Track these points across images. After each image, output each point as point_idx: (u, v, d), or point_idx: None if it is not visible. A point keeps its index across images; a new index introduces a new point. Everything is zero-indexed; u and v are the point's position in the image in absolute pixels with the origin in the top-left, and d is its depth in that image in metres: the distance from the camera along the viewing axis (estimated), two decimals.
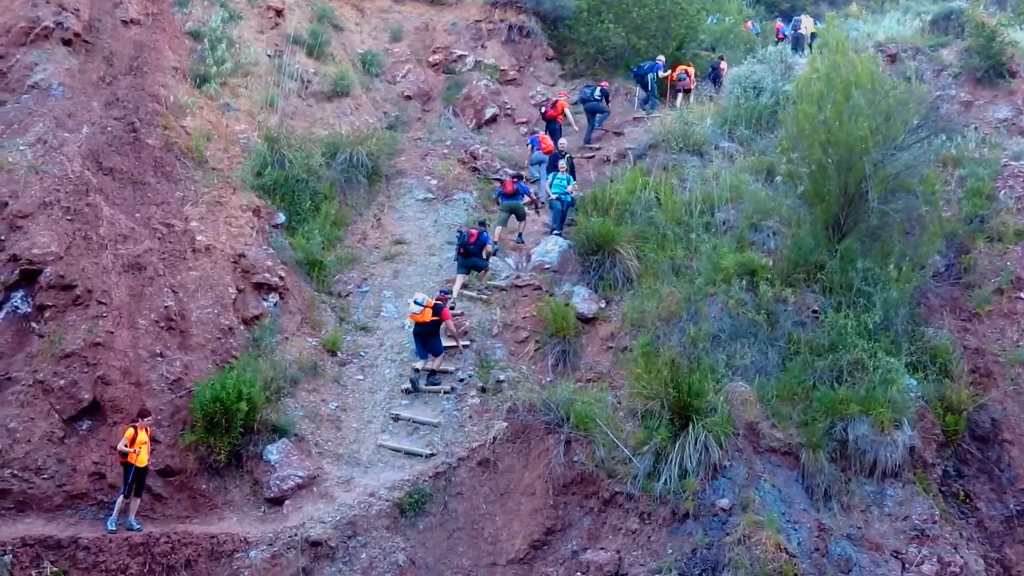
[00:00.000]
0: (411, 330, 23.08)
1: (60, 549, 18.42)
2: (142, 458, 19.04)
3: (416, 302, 22.56)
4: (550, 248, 25.83)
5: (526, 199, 27.56)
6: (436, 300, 22.85)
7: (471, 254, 24.98)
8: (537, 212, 28.81)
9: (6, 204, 22.43)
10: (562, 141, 30.81)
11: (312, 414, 21.83)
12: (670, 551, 17.78)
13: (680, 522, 18.16)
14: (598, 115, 33.30)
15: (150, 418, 19.65)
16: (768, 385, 20.24)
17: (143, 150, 24.89)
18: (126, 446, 18.86)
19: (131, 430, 19.04)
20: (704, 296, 22.05)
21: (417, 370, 22.98)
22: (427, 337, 22.78)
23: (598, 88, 33.32)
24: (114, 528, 18.90)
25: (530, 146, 30.72)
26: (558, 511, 19.16)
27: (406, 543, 19.07)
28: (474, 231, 25.17)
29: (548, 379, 22.10)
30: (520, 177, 28.48)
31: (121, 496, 19.19)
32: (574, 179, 28.02)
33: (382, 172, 29.84)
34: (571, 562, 18.48)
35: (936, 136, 23.95)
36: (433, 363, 22.99)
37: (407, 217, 28.68)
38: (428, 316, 22.43)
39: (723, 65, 35.66)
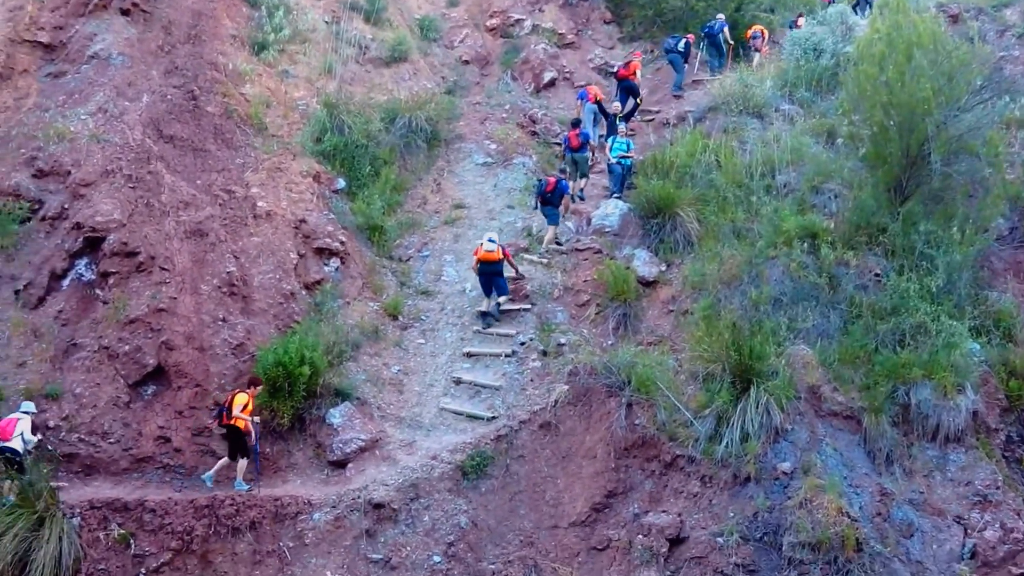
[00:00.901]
0: (478, 269, 23.63)
1: (127, 511, 18.81)
2: (243, 421, 19.54)
3: (490, 240, 23.15)
4: (610, 211, 25.81)
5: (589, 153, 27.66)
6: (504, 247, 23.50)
7: (548, 202, 25.25)
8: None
9: (69, 173, 22.87)
10: (615, 104, 30.75)
11: (374, 378, 22.11)
12: (731, 514, 17.86)
13: (741, 485, 18.19)
14: (676, 68, 33.25)
15: (261, 387, 20.13)
16: (830, 349, 20.16)
17: (203, 118, 25.21)
18: (241, 412, 19.37)
19: (245, 396, 19.52)
20: (765, 259, 21.98)
21: (484, 312, 23.58)
22: (494, 275, 23.35)
23: (683, 40, 33.26)
24: (247, 487, 19.55)
25: (579, 101, 30.73)
26: (619, 474, 19.27)
27: (468, 505, 19.31)
28: (551, 179, 25.40)
29: (609, 342, 22.15)
30: (578, 123, 28.59)
31: (241, 459, 19.76)
32: (633, 143, 28.02)
33: (441, 137, 29.99)
34: (632, 525, 18.57)
35: (999, 97, 23.59)
36: (499, 299, 23.56)
37: (467, 181, 28.84)
38: (498, 255, 22.98)
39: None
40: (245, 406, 19.47)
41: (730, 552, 17.32)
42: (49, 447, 20.09)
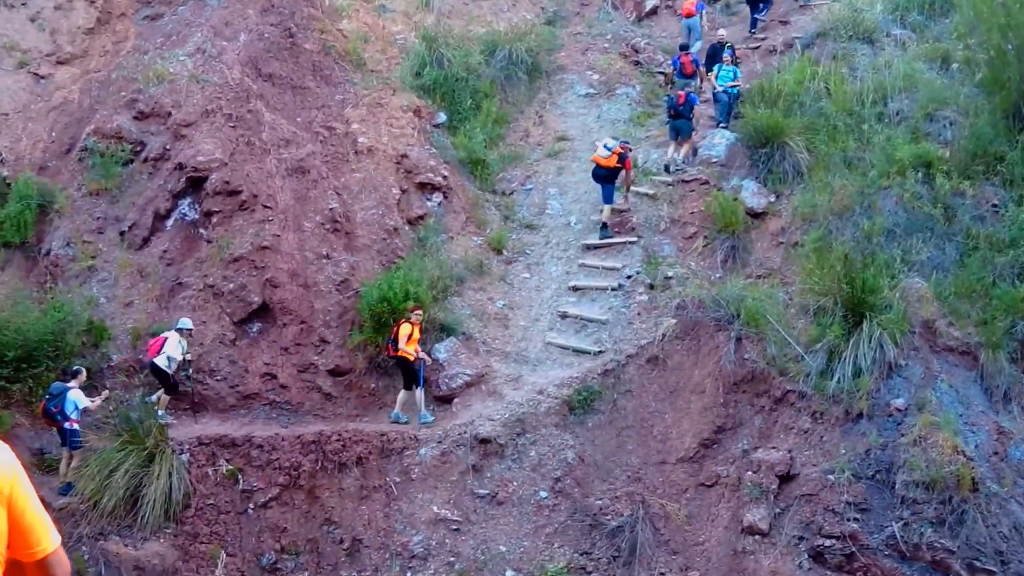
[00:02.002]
0: (592, 173, 23.80)
1: (235, 447, 19.36)
2: (411, 351, 19.88)
3: (605, 146, 23.32)
4: (717, 142, 25.60)
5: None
6: (620, 149, 23.46)
7: (680, 115, 25.26)
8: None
9: (170, 114, 23.24)
10: (721, 32, 30.35)
11: (479, 313, 22.29)
12: (843, 451, 17.63)
13: (853, 422, 17.93)
14: (762, 3, 32.63)
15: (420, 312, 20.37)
16: (945, 282, 19.73)
17: (301, 55, 25.41)
18: (406, 343, 19.70)
19: (409, 326, 19.82)
20: (878, 189, 21.59)
21: (606, 224, 23.68)
22: (604, 182, 23.49)
23: None
24: (404, 419, 20.00)
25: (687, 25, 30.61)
26: (728, 409, 19.26)
27: (575, 440, 19.43)
28: (682, 93, 25.41)
29: (717, 275, 22.03)
30: (687, 47, 28.39)
31: (417, 389, 20.11)
32: (739, 71, 27.69)
33: (542, 68, 29.89)
34: (742, 461, 18.56)
35: None
36: (603, 214, 23.62)
37: (569, 113, 28.76)
38: (613, 161, 23.04)
39: None
40: (410, 336, 19.76)
41: (841, 490, 17.11)
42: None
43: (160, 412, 19.94)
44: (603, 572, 17.82)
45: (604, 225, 23.78)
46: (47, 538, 3.84)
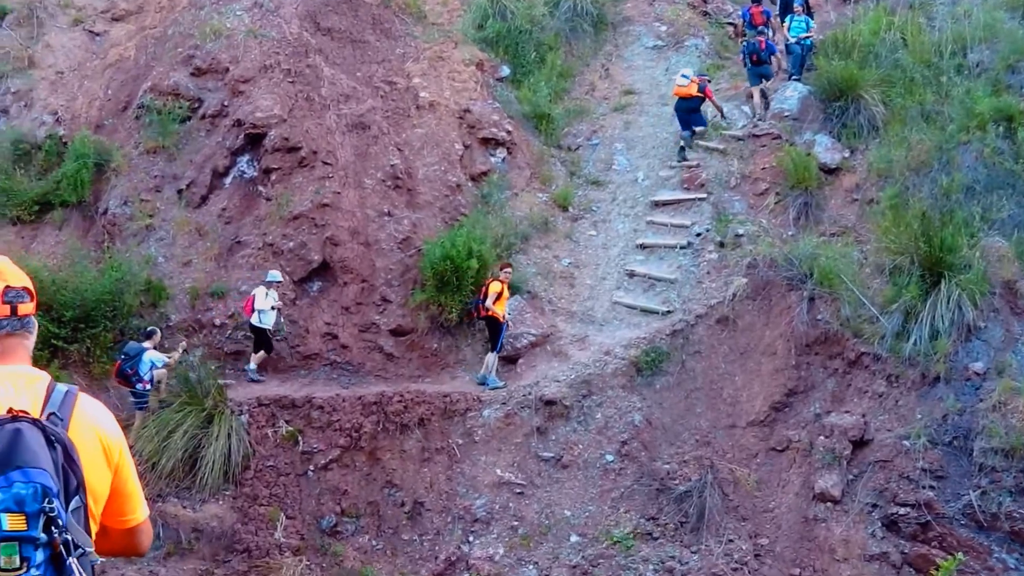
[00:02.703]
0: (675, 106, 24.05)
1: (295, 408, 19.52)
2: (500, 311, 19.98)
3: (683, 75, 23.50)
4: (789, 95, 25.28)
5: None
6: (698, 79, 23.70)
7: (762, 61, 25.25)
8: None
9: (227, 70, 23.36)
10: None
11: (544, 271, 22.27)
12: (919, 416, 17.42)
13: (930, 386, 17.71)
14: None
15: (510, 270, 20.47)
16: None
17: (360, 8, 25.43)
18: (495, 302, 19.81)
19: (498, 284, 19.92)
20: (957, 144, 21.23)
21: (681, 147, 23.92)
22: (689, 112, 23.67)
23: None
24: (498, 384, 20.01)
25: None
26: (800, 372, 19.11)
27: (642, 403, 19.42)
28: (761, 39, 25.38)
29: (789, 233, 21.79)
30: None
31: (492, 353, 20.20)
32: (813, 21, 27.38)
33: (608, 20, 29.72)
34: (814, 425, 18.42)
35: None
36: (697, 128, 23.86)
37: (636, 66, 28.59)
38: (693, 90, 23.22)
39: None
40: (499, 295, 19.85)
41: (917, 456, 16.94)
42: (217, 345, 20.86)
43: (251, 368, 20.27)
44: (670, 538, 17.80)
45: (682, 148, 24.11)
46: (141, 508, 4.03)
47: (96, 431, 3.76)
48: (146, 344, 19.44)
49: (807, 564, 17.14)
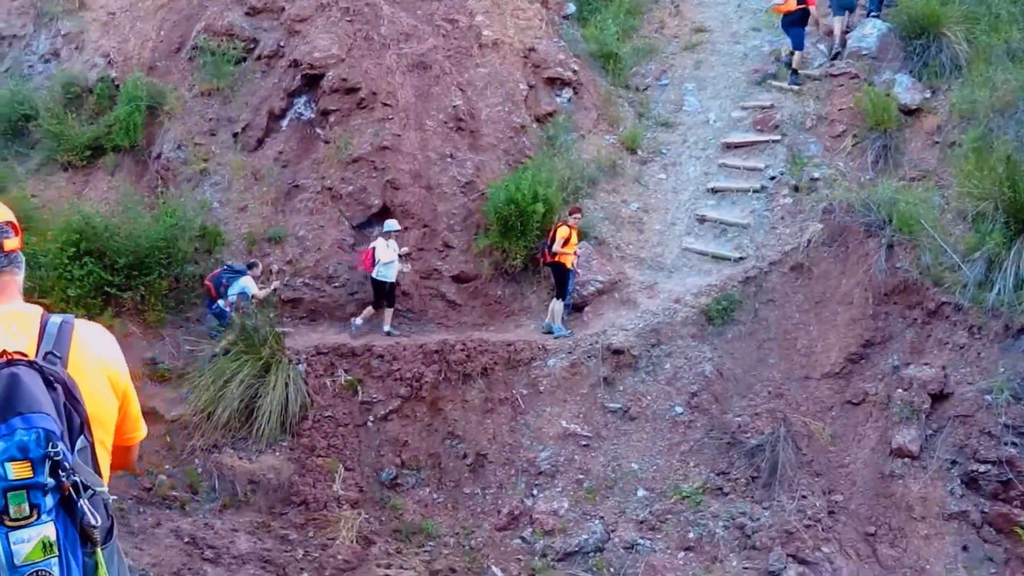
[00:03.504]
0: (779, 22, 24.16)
1: (354, 357, 19.58)
2: (569, 258, 19.99)
3: None
4: (868, 32, 24.91)
5: None
6: None
7: None
8: None
9: (283, 9, 23.40)
10: None
11: (612, 216, 22.17)
12: (1002, 370, 17.17)
13: (1014, 338, 17.46)
14: None
15: (579, 215, 20.39)
16: None
17: None
18: (563, 246, 19.78)
19: (566, 228, 19.87)
20: None
21: (789, 65, 23.95)
22: (790, 27, 23.63)
23: None
24: (563, 332, 20.00)
25: None
26: (878, 322, 18.92)
27: (713, 353, 19.33)
28: None
29: (867, 177, 21.58)
30: None
31: (557, 300, 20.21)
32: None
33: None
34: (891, 378, 18.20)
35: None
36: (793, 59, 23.67)
37: (707, 3, 28.39)
38: (793, 5, 23.14)
39: None
40: (567, 240, 19.80)
41: (999, 411, 16.69)
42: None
43: (386, 328, 20.36)
44: (741, 493, 17.72)
45: (795, 72, 24.00)
46: (141, 426, 4.13)
47: (99, 361, 3.79)
48: (248, 271, 19.84)
49: (883, 522, 17.00)
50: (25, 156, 23.95)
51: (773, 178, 22.36)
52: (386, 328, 20.35)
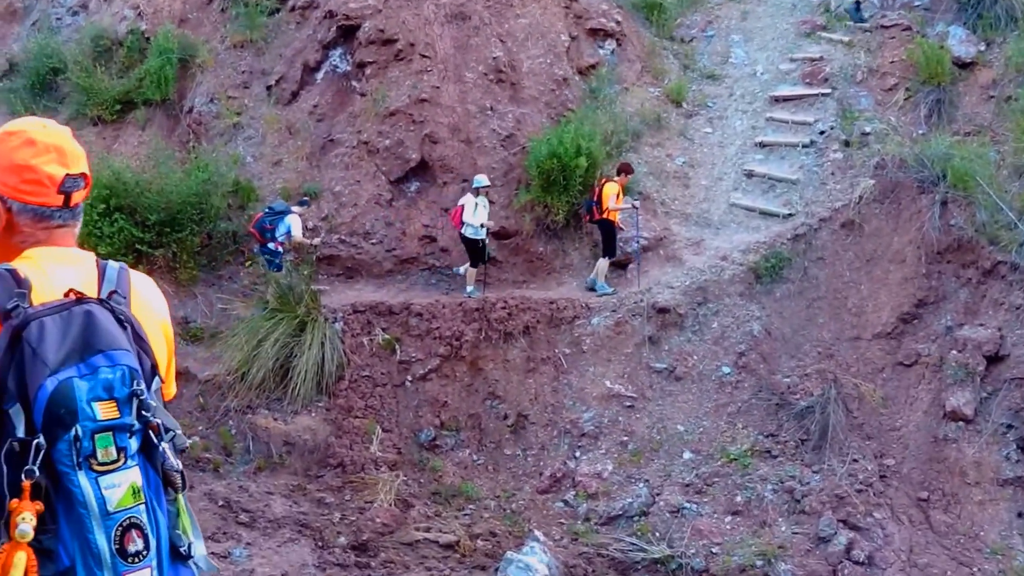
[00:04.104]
0: None
1: (391, 315, 19.50)
2: (615, 214, 19.76)
3: None
4: None
5: None
6: None
7: None
8: None
9: None
10: None
11: (657, 170, 21.94)
12: None
13: None
14: None
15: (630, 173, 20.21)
16: None
17: None
18: (614, 203, 19.55)
19: (615, 184, 19.65)
20: None
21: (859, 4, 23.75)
22: None
23: None
24: (607, 290, 19.79)
25: None
26: (931, 281, 18.75)
27: (761, 312, 19.18)
28: None
29: (920, 132, 21.30)
30: None
31: (604, 258, 20.00)
32: None
33: None
34: (945, 339, 18.06)
35: None
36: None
37: None
38: None
39: None
40: (616, 197, 19.57)
41: None
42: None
43: (469, 289, 20.19)
44: (790, 456, 17.57)
45: (858, 4, 23.92)
46: (174, 384, 3.86)
47: (152, 309, 3.64)
48: (294, 208, 19.75)
49: (936, 487, 16.93)
50: (53, 110, 23.67)
51: (823, 132, 22.09)
52: (469, 289, 20.19)
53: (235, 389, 18.56)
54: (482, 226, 19.66)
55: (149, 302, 3.62)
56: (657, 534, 16.61)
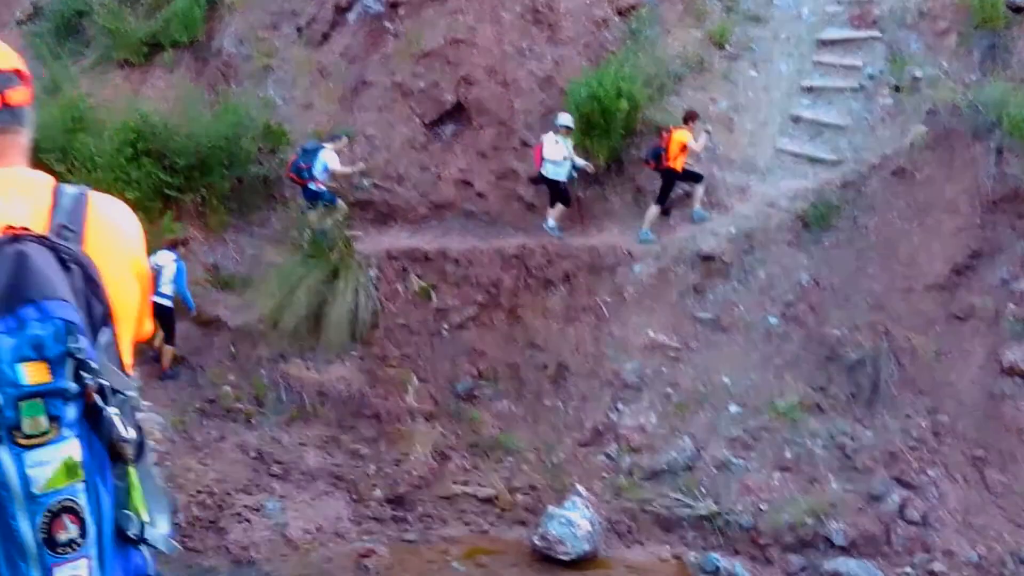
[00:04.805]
0: None
1: (427, 262, 19.23)
2: (680, 163, 19.21)
3: None
4: None
5: None
6: None
7: None
8: None
9: None
10: None
11: (700, 114, 21.00)
12: None
13: None
14: None
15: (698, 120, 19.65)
16: None
17: None
18: (680, 152, 19.04)
19: (685, 132, 19.13)
20: None
21: None
22: None
23: None
24: (649, 238, 19.20)
25: None
26: (985, 232, 18.08)
27: (809, 261, 18.55)
28: None
29: (973, 77, 20.45)
30: None
31: (656, 204, 19.38)
32: None
33: None
34: (1000, 291, 17.53)
35: None
36: None
37: None
38: None
39: None
40: (685, 146, 19.07)
41: None
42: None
43: (552, 225, 19.60)
44: (840, 411, 17.06)
45: None
46: (148, 320, 3.02)
47: (119, 240, 2.77)
48: (327, 144, 19.38)
49: (992, 446, 16.44)
50: (80, 54, 23.70)
51: (872, 77, 21.26)
52: (550, 223, 19.61)
53: (267, 337, 18.47)
54: (565, 159, 19.11)
55: (116, 234, 2.79)
56: (703, 490, 16.40)
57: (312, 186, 19.10)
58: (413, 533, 16.00)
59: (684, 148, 18.97)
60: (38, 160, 2.78)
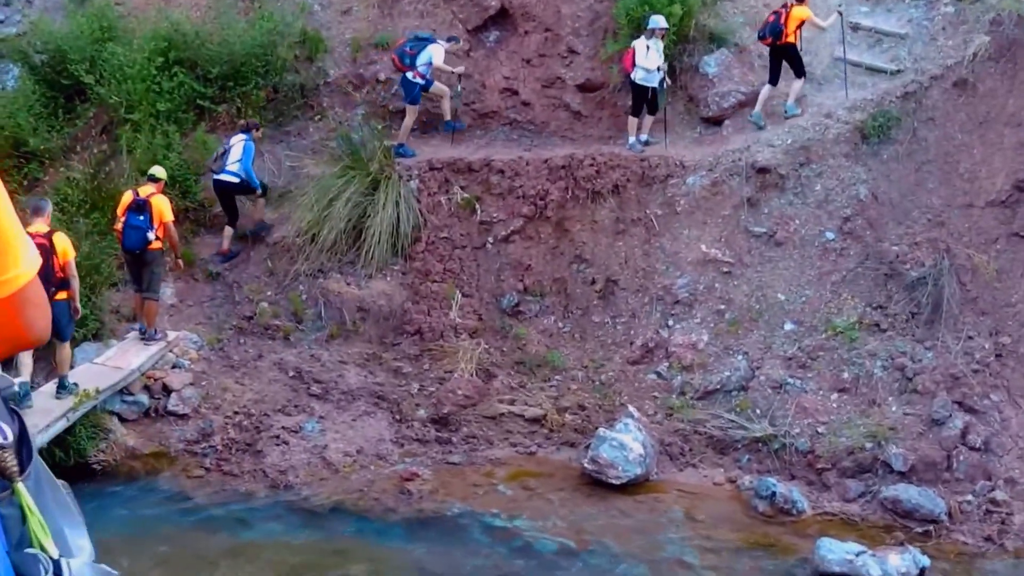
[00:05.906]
0: None
1: (471, 173, 18.54)
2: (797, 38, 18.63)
3: None
4: None
5: None
6: None
7: None
8: None
9: None
10: None
11: (753, 20, 20.13)
12: None
13: None
14: None
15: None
16: None
17: None
18: (798, 27, 18.34)
19: (805, 9, 18.37)
20: None
21: None
22: None
23: None
24: (797, 111, 18.59)
25: None
26: None
27: (867, 175, 17.69)
28: None
29: None
30: None
31: (798, 79, 18.74)
32: None
33: None
34: None
35: None
36: None
37: None
38: None
39: None
40: (801, 23, 18.33)
41: None
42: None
43: (632, 140, 18.75)
44: (900, 331, 16.31)
45: None
46: (22, 258, 1.92)
47: None
48: (439, 40, 18.84)
49: None
50: None
51: None
52: (643, 137, 18.84)
53: (305, 252, 17.84)
54: (659, 69, 18.29)
55: None
56: (758, 411, 15.72)
57: (409, 75, 18.54)
58: (457, 455, 15.43)
59: (800, 25, 18.25)
60: (66, 71, 1.81)
